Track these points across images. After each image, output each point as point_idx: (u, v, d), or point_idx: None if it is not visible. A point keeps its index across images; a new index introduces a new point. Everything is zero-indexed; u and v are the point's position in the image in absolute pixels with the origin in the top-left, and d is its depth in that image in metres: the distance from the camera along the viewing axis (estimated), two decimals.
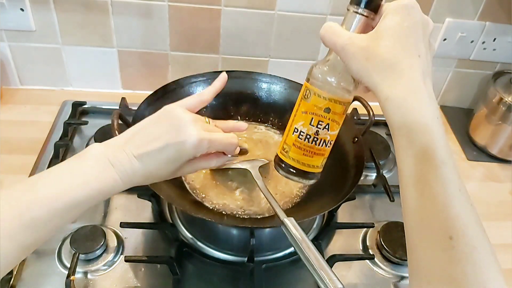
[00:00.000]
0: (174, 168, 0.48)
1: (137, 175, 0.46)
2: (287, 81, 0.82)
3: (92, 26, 0.89)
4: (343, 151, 0.73)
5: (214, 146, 0.50)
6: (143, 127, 0.48)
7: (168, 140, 0.46)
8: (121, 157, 0.45)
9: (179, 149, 0.46)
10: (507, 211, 0.85)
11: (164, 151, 0.46)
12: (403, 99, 0.40)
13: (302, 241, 0.48)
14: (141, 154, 0.46)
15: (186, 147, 0.47)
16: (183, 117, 0.48)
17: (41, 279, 0.63)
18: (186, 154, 0.47)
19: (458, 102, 1.10)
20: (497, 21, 0.94)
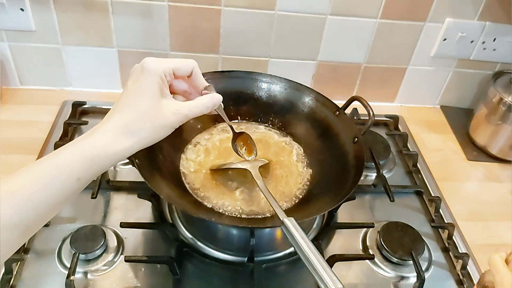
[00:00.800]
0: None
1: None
2: (287, 81, 0.82)
3: (92, 26, 0.89)
4: (343, 151, 0.73)
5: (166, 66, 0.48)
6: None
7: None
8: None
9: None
10: (507, 211, 0.85)
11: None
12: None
13: (302, 241, 0.48)
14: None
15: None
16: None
17: (41, 279, 0.63)
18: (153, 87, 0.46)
19: (458, 102, 1.10)
20: (497, 21, 0.94)
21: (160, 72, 0.47)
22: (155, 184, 0.61)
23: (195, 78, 0.52)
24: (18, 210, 0.39)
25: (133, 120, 0.45)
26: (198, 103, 0.50)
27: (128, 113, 0.45)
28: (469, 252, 0.74)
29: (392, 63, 1.01)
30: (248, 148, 0.69)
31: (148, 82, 0.46)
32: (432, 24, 0.94)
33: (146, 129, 0.45)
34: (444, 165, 0.94)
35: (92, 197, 0.71)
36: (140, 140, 0.45)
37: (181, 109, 0.48)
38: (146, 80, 0.46)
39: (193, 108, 0.49)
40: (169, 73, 0.48)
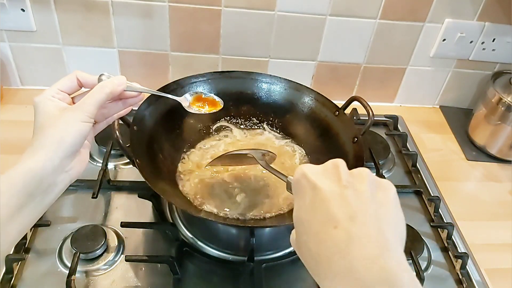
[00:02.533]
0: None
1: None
2: (287, 81, 0.83)
3: (92, 26, 0.89)
4: (343, 151, 0.73)
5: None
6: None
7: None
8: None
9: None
10: (507, 211, 0.85)
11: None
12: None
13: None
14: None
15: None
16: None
17: (41, 278, 0.63)
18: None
19: (458, 102, 1.10)
20: (496, 21, 0.94)
21: (46, 97, 0.49)
22: (156, 183, 0.62)
23: (85, 81, 0.52)
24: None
25: (35, 138, 0.47)
26: (92, 92, 0.50)
27: (32, 139, 0.47)
28: (468, 252, 0.74)
29: (391, 63, 1.01)
30: (210, 102, 0.67)
31: (39, 110, 0.48)
32: (431, 25, 0.94)
33: (50, 136, 0.46)
34: (444, 165, 0.94)
35: (93, 197, 0.71)
36: (51, 146, 0.46)
37: (78, 104, 0.49)
38: (37, 111, 0.48)
39: (90, 96, 0.49)
40: (54, 92, 0.50)
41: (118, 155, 0.83)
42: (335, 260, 0.34)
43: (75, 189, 0.76)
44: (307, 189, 0.39)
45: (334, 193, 0.37)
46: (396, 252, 0.34)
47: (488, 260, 0.74)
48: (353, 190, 0.37)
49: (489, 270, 0.72)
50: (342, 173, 0.39)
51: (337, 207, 0.36)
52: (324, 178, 0.39)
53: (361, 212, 0.36)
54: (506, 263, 0.75)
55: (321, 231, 0.36)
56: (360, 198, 0.37)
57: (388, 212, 0.37)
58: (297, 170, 0.41)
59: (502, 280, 0.72)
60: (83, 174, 0.51)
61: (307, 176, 0.39)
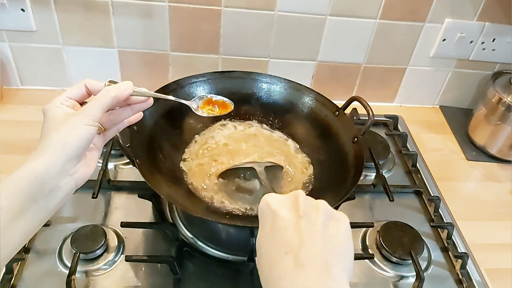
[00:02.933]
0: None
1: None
2: (287, 81, 0.83)
3: (92, 26, 0.89)
4: (343, 151, 0.73)
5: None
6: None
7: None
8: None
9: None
10: (507, 211, 0.85)
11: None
12: None
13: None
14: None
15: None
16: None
17: (41, 278, 0.63)
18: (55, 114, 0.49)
19: (457, 102, 1.10)
20: (496, 21, 0.94)
21: (56, 104, 0.50)
22: (156, 183, 0.62)
23: (92, 88, 0.52)
24: None
25: (40, 143, 0.47)
26: (97, 96, 0.50)
27: (38, 143, 0.48)
28: (468, 252, 0.74)
29: (391, 63, 1.01)
30: (220, 105, 0.67)
31: (48, 117, 0.49)
32: (431, 25, 0.94)
33: (54, 139, 0.47)
34: (444, 165, 0.94)
35: (93, 197, 0.71)
36: (53, 150, 0.46)
37: (83, 108, 0.49)
38: (45, 117, 0.49)
39: (95, 101, 0.49)
40: (64, 99, 0.51)
41: (118, 155, 0.83)
42: (282, 284, 0.38)
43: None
44: (268, 217, 0.43)
45: (290, 221, 0.41)
46: (338, 281, 0.37)
47: (488, 260, 0.74)
48: (307, 220, 0.41)
49: (489, 270, 0.73)
50: (300, 204, 0.42)
51: (290, 234, 0.40)
52: (283, 207, 0.42)
53: (310, 240, 0.39)
54: (506, 263, 0.75)
55: (274, 255, 0.40)
56: (312, 228, 0.40)
57: (337, 243, 0.41)
58: (262, 199, 0.45)
59: (502, 280, 0.72)
60: None
61: (270, 205, 0.43)
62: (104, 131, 0.54)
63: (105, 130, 0.54)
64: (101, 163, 0.77)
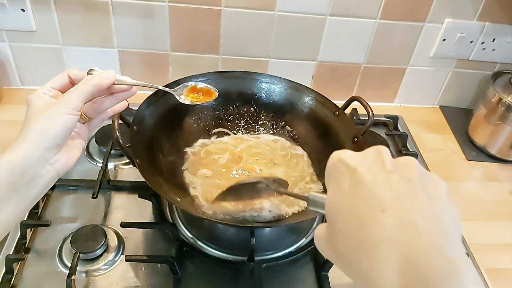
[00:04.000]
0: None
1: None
2: (287, 81, 0.83)
3: (92, 26, 0.89)
4: None
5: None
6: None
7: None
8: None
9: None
10: (507, 211, 0.85)
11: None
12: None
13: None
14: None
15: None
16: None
17: (42, 278, 0.63)
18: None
19: (458, 102, 1.10)
20: (496, 21, 0.94)
21: (39, 94, 0.50)
22: (156, 183, 0.62)
23: (75, 77, 0.53)
24: None
25: (23, 130, 0.48)
26: (77, 85, 0.50)
27: (20, 133, 0.48)
28: (468, 252, 0.74)
29: (391, 63, 1.01)
30: (204, 92, 0.66)
31: (30, 108, 0.49)
32: (431, 25, 0.94)
33: (38, 127, 0.47)
34: (444, 165, 0.94)
35: (93, 197, 0.71)
36: (36, 137, 0.46)
37: (62, 96, 0.49)
38: (29, 108, 0.49)
39: (75, 89, 0.50)
40: (47, 89, 0.51)
41: (118, 155, 0.83)
42: (384, 247, 0.30)
43: (75, 189, 0.76)
44: (345, 174, 0.34)
45: (379, 177, 0.32)
46: (457, 243, 0.30)
47: (488, 260, 0.74)
48: (400, 176, 0.32)
49: (489, 270, 0.72)
50: (386, 159, 0.34)
51: (383, 190, 0.32)
52: (365, 163, 0.34)
53: (412, 196, 0.31)
54: (506, 263, 0.75)
55: (366, 215, 0.31)
56: (409, 183, 0.32)
57: (442, 203, 0.33)
58: (332, 155, 0.36)
59: (502, 280, 0.72)
60: (83, 174, 0.52)
61: (345, 161, 0.34)
62: (88, 120, 0.54)
63: (89, 119, 0.54)
64: (101, 163, 0.77)
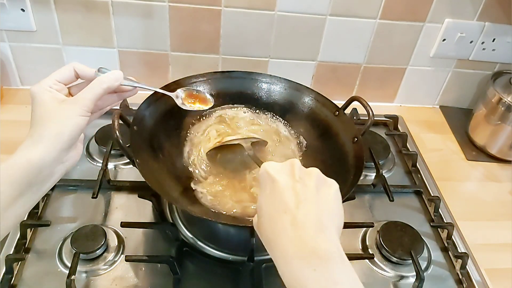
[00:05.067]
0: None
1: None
2: (287, 81, 0.83)
3: (92, 26, 0.89)
4: (343, 151, 0.73)
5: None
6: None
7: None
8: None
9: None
10: (507, 211, 0.85)
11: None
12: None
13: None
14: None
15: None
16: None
17: (41, 278, 0.63)
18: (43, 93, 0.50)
19: (457, 102, 1.10)
20: (496, 21, 0.94)
21: (44, 87, 0.51)
22: (156, 183, 0.62)
23: (82, 74, 0.54)
24: None
25: (34, 129, 0.49)
26: (91, 85, 0.52)
27: (31, 130, 0.49)
28: (468, 252, 0.74)
29: (391, 63, 1.01)
30: (200, 99, 0.70)
31: (37, 100, 0.50)
32: (431, 25, 0.94)
33: (50, 128, 0.48)
34: (444, 165, 0.94)
35: (93, 197, 0.71)
36: (51, 139, 0.48)
37: (77, 97, 0.51)
38: (35, 101, 0.50)
39: (88, 91, 0.51)
40: (52, 83, 0.52)
41: (118, 155, 0.83)
42: (282, 239, 0.42)
43: (75, 189, 0.76)
44: (268, 181, 0.47)
45: (288, 185, 0.45)
46: (330, 235, 0.43)
47: (488, 260, 0.74)
48: (302, 184, 0.45)
49: (489, 270, 0.73)
50: (295, 170, 0.46)
51: (288, 196, 0.44)
52: (281, 173, 0.47)
53: (305, 201, 0.44)
54: (506, 263, 0.75)
55: (275, 214, 0.44)
56: (307, 190, 0.45)
57: (328, 204, 0.45)
58: (262, 166, 0.48)
59: (502, 280, 0.72)
60: (83, 174, 0.52)
61: (269, 171, 0.47)
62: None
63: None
64: (101, 163, 0.77)
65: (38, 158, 0.47)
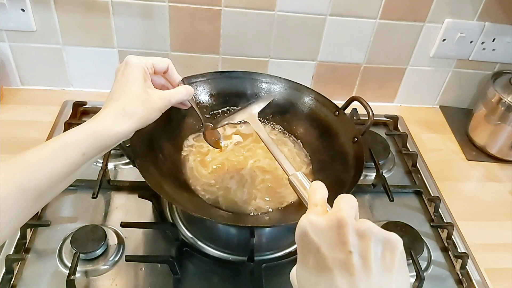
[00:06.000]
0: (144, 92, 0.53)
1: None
2: (287, 81, 0.83)
3: (92, 26, 0.89)
4: (343, 151, 0.73)
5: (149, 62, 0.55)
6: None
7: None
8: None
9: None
10: (507, 211, 0.85)
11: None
12: None
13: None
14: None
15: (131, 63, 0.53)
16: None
17: (42, 278, 0.63)
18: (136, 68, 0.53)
19: (457, 102, 1.10)
20: (496, 21, 0.94)
21: (143, 65, 0.54)
22: (156, 183, 0.62)
23: (171, 73, 0.59)
24: (32, 176, 0.45)
25: (128, 103, 0.51)
26: (177, 91, 0.58)
27: (123, 99, 0.51)
28: (468, 252, 0.74)
29: (391, 63, 1.01)
30: (216, 141, 0.72)
31: (134, 73, 0.52)
32: (431, 25, 0.94)
33: (140, 111, 0.52)
34: (444, 165, 0.94)
35: (93, 197, 0.71)
36: (137, 120, 0.51)
37: (164, 95, 0.55)
38: (132, 71, 0.52)
39: (174, 95, 0.56)
40: (149, 66, 0.55)
41: (118, 155, 0.83)
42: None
43: (75, 189, 0.76)
44: (311, 250, 0.38)
45: (339, 261, 0.36)
46: None
47: (488, 260, 0.74)
48: (358, 257, 0.36)
49: (489, 270, 0.73)
50: (347, 234, 0.36)
51: (341, 278, 0.35)
52: (328, 241, 0.37)
53: (364, 284, 0.35)
54: (506, 263, 0.75)
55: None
56: (365, 266, 0.35)
57: (392, 278, 0.36)
58: (300, 224, 0.39)
59: (502, 280, 0.72)
60: (83, 174, 0.52)
61: (310, 236, 0.38)
62: None
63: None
64: (101, 163, 0.77)
65: (123, 133, 0.50)
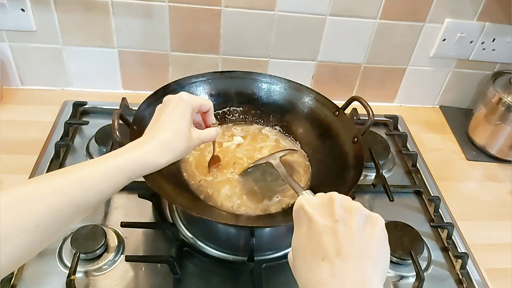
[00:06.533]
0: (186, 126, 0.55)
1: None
2: (287, 81, 0.83)
3: (92, 26, 0.89)
4: (343, 151, 0.73)
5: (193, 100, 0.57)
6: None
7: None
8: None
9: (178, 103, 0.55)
10: (507, 211, 0.85)
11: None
12: None
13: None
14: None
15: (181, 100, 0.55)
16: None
17: (41, 278, 0.63)
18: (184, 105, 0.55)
19: (457, 102, 1.10)
20: (496, 21, 0.94)
21: (193, 104, 0.56)
22: (156, 183, 0.62)
23: (209, 114, 0.62)
24: (86, 194, 0.46)
25: (174, 139, 0.53)
26: (210, 132, 0.61)
27: (170, 133, 0.53)
28: (468, 252, 0.74)
29: (391, 63, 1.01)
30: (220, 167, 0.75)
31: (186, 110, 0.55)
32: (431, 25, 0.94)
33: (182, 148, 0.54)
34: (444, 165, 0.94)
35: None
36: (177, 156, 0.54)
37: (200, 136, 0.58)
38: (185, 109, 0.55)
39: (207, 136, 0.60)
40: (197, 106, 0.58)
41: None
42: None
43: None
44: (304, 220, 0.43)
45: (327, 227, 0.41)
46: (375, 285, 0.38)
47: (488, 260, 0.74)
48: (343, 225, 0.41)
49: (489, 270, 0.73)
50: (335, 208, 0.42)
51: (327, 240, 0.40)
52: (319, 211, 0.43)
53: (346, 247, 0.39)
54: (506, 263, 0.75)
55: (312, 260, 0.41)
56: (348, 233, 0.40)
57: (372, 248, 0.40)
58: (297, 201, 0.46)
59: (502, 280, 0.72)
60: None
61: (305, 208, 0.44)
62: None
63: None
64: None
65: (163, 164, 0.52)
